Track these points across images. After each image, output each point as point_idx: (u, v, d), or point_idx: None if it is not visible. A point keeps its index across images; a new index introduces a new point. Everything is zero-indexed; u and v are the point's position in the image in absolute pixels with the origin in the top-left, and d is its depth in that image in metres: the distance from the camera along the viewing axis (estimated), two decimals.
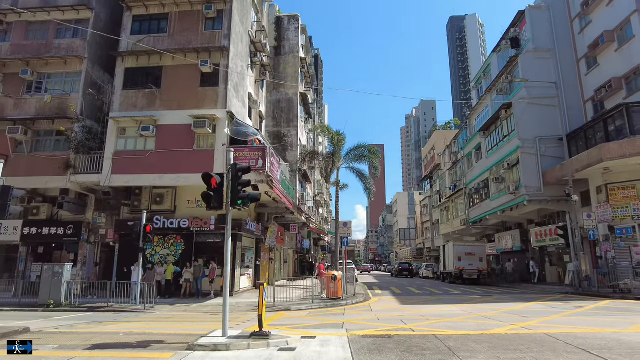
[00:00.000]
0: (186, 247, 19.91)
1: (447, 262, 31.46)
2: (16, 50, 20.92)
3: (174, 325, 11.55)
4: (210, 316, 14.24)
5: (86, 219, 20.65)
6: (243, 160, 18.43)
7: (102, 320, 12.79)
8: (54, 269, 16.74)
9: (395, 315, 13.10)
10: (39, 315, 14.63)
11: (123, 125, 19.45)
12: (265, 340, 8.06)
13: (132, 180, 18.91)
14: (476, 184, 33.17)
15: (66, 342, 8.63)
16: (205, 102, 19.24)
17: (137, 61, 20.07)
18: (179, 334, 9.69)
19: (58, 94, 20.35)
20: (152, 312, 15.06)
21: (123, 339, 8.96)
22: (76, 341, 8.79)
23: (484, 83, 35.03)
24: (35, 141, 20.20)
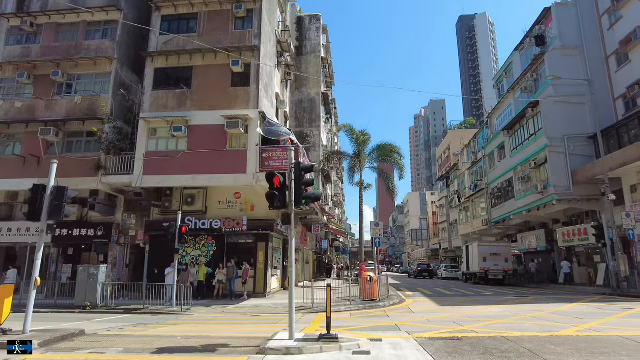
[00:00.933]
0: (217, 248, 19.79)
1: (472, 263, 31.10)
2: (46, 52, 20.93)
3: (226, 328, 11.38)
4: (251, 318, 14.07)
5: (116, 220, 20.59)
6: (276, 160, 18.32)
7: (146, 323, 12.66)
8: (89, 270, 16.67)
9: (442, 317, 12.85)
10: (79, 317, 14.55)
11: (154, 126, 19.36)
12: (336, 343, 7.86)
13: (163, 181, 18.81)
14: (499, 184, 32.80)
15: (129, 346, 8.48)
16: (237, 103, 19.11)
17: (166, 61, 19.98)
18: (239, 336, 9.52)
19: (88, 95, 20.33)
20: (189, 314, 14.92)
21: (184, 343, 8.80)
22: (138, 344, 8.64)
23: (505, 82, 34.65)
24: (65, 142, 20.18)
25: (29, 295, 9.63)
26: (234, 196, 20.21)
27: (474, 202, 39.58)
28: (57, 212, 9.63)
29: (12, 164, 20.02)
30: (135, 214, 20.55)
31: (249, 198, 20.12)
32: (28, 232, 20.51)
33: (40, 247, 9.87)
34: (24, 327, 9.27)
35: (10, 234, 20.59)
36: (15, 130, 20.44)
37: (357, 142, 27.41)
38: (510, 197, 30.93)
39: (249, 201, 20.10)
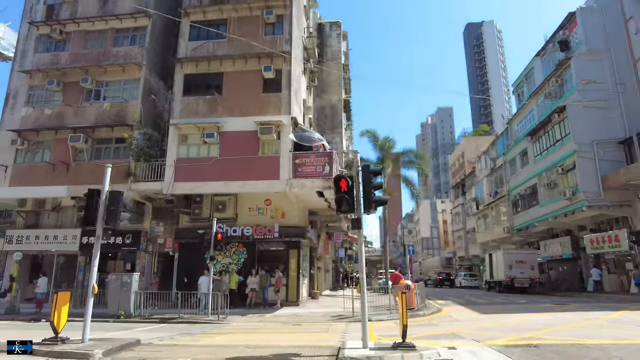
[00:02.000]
0: (248, 255, 19.50)
1: (496, 271, 30.59)
2: (75, 59, 20.91)
3: (280, 337, 11.04)
4: (294, 327, 13.72)
5: (144, 228, 20.33)
6: (309, 166, 18.10)
7: (191, 332, 12.33)
8: (122, 278, 16.43)
9: (493, 325, 12.50)
10: (116, 326, 14.19)
11: (184, 132, 19.20)
12: (415, 351, 7.53)
13: (195, 187, 18.60)
14: (522, 190, 32.41)
15: (196, 356, 8.15)
16: (268, 109, 18.94)
17: (196, 67, 19.89)
18: (302, 345, 9.17)
19: (117, 101, 20.25)
20: (228, 323, 14.56)
21: (251, 352, 8.46)
22: (204, 354, 8.32)
23: (525, 87, 34.42)
24: (94, 149, 20.05)
25: (87, 303, 9.36)
26: (264, 203, 19.95)
27: (493, 209, 39.13)
28: (113, 218, 9.39)
29: (41, 171, 19.89)
30: (163, 221, 20.30)
31: (279, 205, 19.85)
32: (56, 239, 20.29)
33: (96, 254, 9.64)
34: (83, 335, 8.99)
35: (38, 241, 20.37)
36: (44, 137, 20.34)
37: (381, 149, 27.20)
38: (534, 204, 30.52)
39: (279, 208, 19.83)
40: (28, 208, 20.77)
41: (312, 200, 20.65)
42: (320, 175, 17.81)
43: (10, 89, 21.13)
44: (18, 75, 21.18)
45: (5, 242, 20.46)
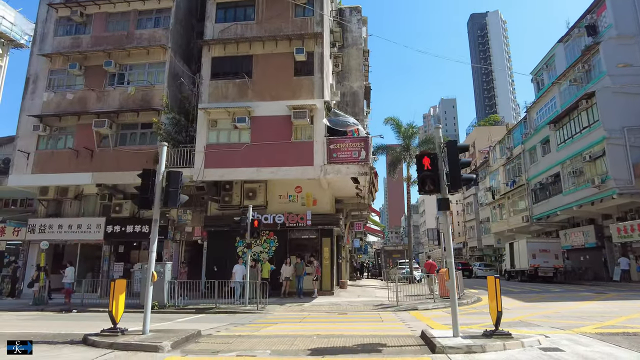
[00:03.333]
0: (280, 243, 19.00)
1: (519, 260, 30.24)
2: (97, 42, 20.17)
3: (342, 327, 10.56)
4: (340, 315, 13.32)
5: (171, 216, 19.77)
6: (345, 151, 17.54)
7: (241, 323, 11.83)
8: (155, 268, 15.80)
9: (550, 312, 12.14)
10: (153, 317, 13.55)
11: (214, 117, 18.57)
12: (515, 340, 7.04)
13: (227, 174, 18.02)
14: (543, 179, 31.95)
15: (274, 347, 7.63)
16: (301, 92, 18.32)
17: (224, 50, 19.20)
18: (380, 335, 8.66)
19: (142, 85, 19.56)
20: (269, 313, 14.10)
21: (327, 343, 7.90)
22: (281, 345, 7.78)
23: (545, 75, 33.81)
24: (119, 135, 19.40)
25: (146, 292, 8.84)
26: (294, 190, 19.40)
27: (510, 198, 38.71)
28: (173, 199, 8.81)
29: (64, 158, 19.26)
30: (191, 209, 19.72)
31: (310, 192, 19.30)
32: (80, 228, 19.72)
33: (154, 239, 9.10)
34: (144, 327, 8.47)
35: (61, 230, 19.79)
36: (66, 123, 19.68)
37: (404, 136, 26.64)
38: (556, 193, 30.08)
39: (310, 195, 19.28)
40: (50, 196, 20.14)
41: (343, 188, 20.14)
42: (356, 161, 17.25)
43: (30, 73, 20.39)
44: (38, 59, 20.43)
45: (28, 232, 19.89)
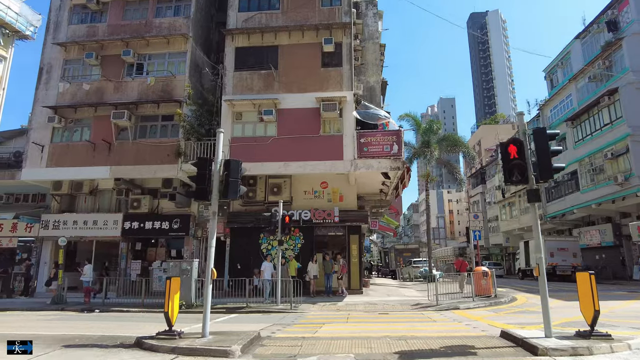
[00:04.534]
0: (305, 240, 18.36)
1: (533, 259, 29.84)
2: (114, 31, 19.38)
3: (396, 327, 9.97)
4: (381, 315, 12.70)
5: (191, 211, 19.05)
6: (376, 145, 16.98)
7: (285, 323, 11.23)
8: (182, 265, 15.16)
9: (604, 311, 11.55)
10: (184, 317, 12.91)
11: (239, 109, 17.91)
12: (617, 341, 6.51)
13: (253, 168, 17.29)
14: (558, 177, 31.54)
15: (355, 350, 7.03)
16: (329, 84, 17.73)
17: (248, 40, 18.53)
18: (457, 336, 8.12)
19: (162, 75, 18.81)
20: (304, 312, 13.49)
21: (406, 346, 7.30)
22: (359, 349, 7.17)
23: (560, 72, 33.50)
24: (138, 127, 18.63)
25: (205, 292, 8.17)
26: (320, 186, 18.79)
27: (521, 197, 38.39)
28: (233, 190, 8.16)
29: (80, 151, 18.47)
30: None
31: (336, 188, 18.70)
32: (96, 224, 18.94)
33: (212, 233, 8.48)
34: (203, 329, 7.79)
35: (76, 227, 18.98)
36: (83, 114, 18.88)
37: (423, 132, 26.12)
38: (573, 190, 29.80)
39: (337, 191, 18.68)
40: (64, 191, 19.31)
41: (369, 184, 19.62)
42: (388, 155, 16.69)
43: (44, 63, 19.55)
44: (52, 49, 19.60)
45: (41, 227, 19.07)
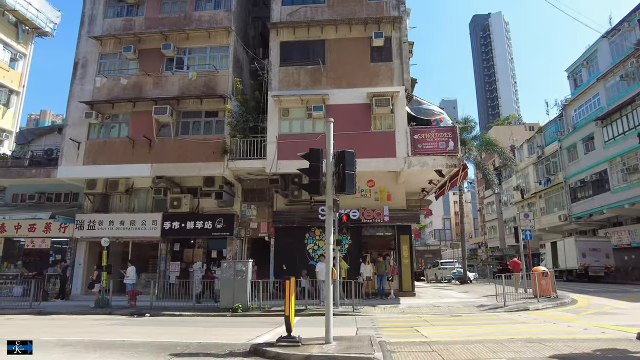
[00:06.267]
0: (353, 241, 17.78)
1: (564, 259, 29.49)
2: (151, 24, 18.73)
3: (503, 329, 9.46)
4: (454, 318, 12.18)
5: (233, 210, 18.39)
6: (430, 142, 16.47)
7: (366, 326, 10.65)
8: (236, 266, 14.54)
9: None
10: (247, 321, 12.28)
11: (285, 106, 17.32)
12: None
13: (302, 166, 16.66)
14: (586, 177, 31.30)
15: (495, 355, 6.47)
16: (379, 79, 17.22)
17: (294, 34, 17.95)
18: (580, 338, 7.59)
19: (204, 70, 18.19)
20: (367, 315, 12.94)
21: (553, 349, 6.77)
22: (507, 353, 6.62)
23: (584, 71, 33.31)
24: (180, 123, 17.97)
25: (327, 294, 7.55)
26: (367, 184, 18.23)
27: (542, 197, 38.10)
28: (350, 183, 7.59)
29: (118, 148, 17.78)
30: (255, 204, 18.39)
31: (383, 187, 18.15)
32: (133, 225, 18.23)
33: (329, 229, 7.91)
34: (327, 335, 7.19)
35: (112, 227, 18.25)
36: (120, 110, 18.21)
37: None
38: (602, 190, 29.43)
39: (384, 190, 18.13)
40: (99, 190, 18.55)
41: (416, 182, 19.15)
42: (444, 152, 16.18)
43: (79, 57, 18.85)
44: (87, 43, 18.90)
45: (76, 228, 18.31)
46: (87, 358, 6.65)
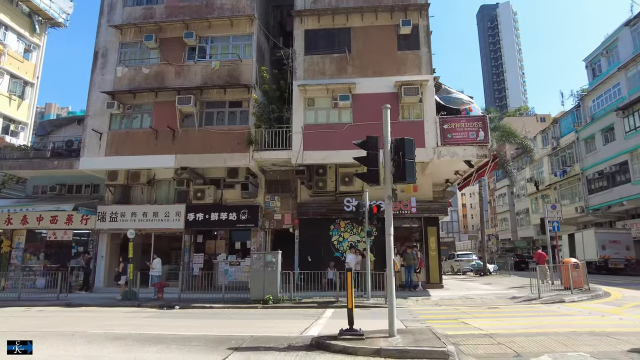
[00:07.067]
0: (379, 232, 17.49)
1: (582, 251, 29.18)
2: (172, 12, 18.37)
3: (553, 322, 9.22)
4: (491, 309, 11.97)
5: (257, 202, 18.17)
6: (460, 132, 16.16)
7: (409, 319, 10.44)
8: (266, 258, 14.37)
9: None
10: (281, 313, 12.12)
11: (311, 95, 17.01)
12: None
13: (329, 156, 16.50)
14: (605, 168, 30.90)
15: (579, 348, 6.24)
16: (406, 68, 16.86)
17: (318, 22, 17.59)
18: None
19: (226, 59, 17.86)
20: (401, 307, 12.65)
21: (626, 343, 6.55)
22: (582, 346, 6.39)
23: (604, 61, 32.73)
24: (203, 113, 17.69)
25: (389, 286, 7.32)
26: None
27: (557, 189, 37.74)
28: (411, 172, 7.28)
29: (141, 139, 17.54)
30: (279, 195, 18.15)
31: None
32: (156, 216, 18.05)
33: (390, 220, 7.54)
34: (391, 327, 6.96)
35: (134, 219, 18.07)
36: (142, 100, 17.93)
37: None
38: (622, 182, 29.06)
39: None
40: (120, 181, 18.37)
41: (438, 173, 18.89)
42: (474, 142, 15.88)
43: (99, 47, 18.54)
44: (107, 32, 18.58)
45: (98, 220, 18.14)
46: (146, 352, 6.45)
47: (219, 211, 17.81)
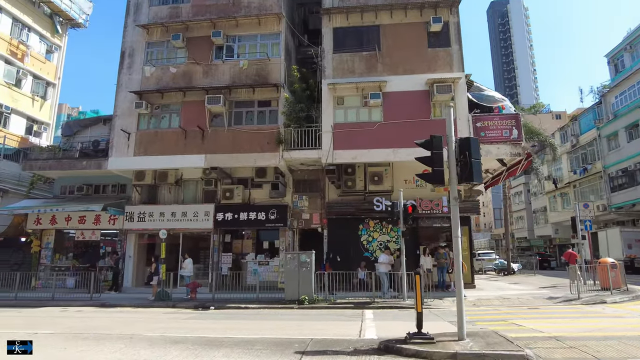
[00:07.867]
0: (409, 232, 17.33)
1: (606, 250, 28.81)
2: (199, 11, 18.30)
3: (609, 324, 9.01)
4: (530, 310, 11.82)
5: (285, 202, 18.07)
6: (493, 130, 15.95)
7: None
8: (300, 258, 14.27)
9: None
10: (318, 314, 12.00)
11: (340, 94, 16.85)
12: None
13: (359, 155, 16.34)
14: (628, 165, 30.44)
15: None
16: (437, 65, 16.64)
17: (347, 20, 17.42)
18: None
19: (254, 58, 17.75)
20: (437, 308, 12.66)
21: None
22: None
23: (627, 56, 32.23)
24: (232, 113, 17.59)
25: (458, 288, 7.18)
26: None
27: (576, 187, 37.26)
28: (478, 172, 7.13)
29: (170, 138, 17.50)
30: (307, 194, 18.03)
31: None
32: (185, 216, 18.02)
33: (456, 223, 7.42)
34: (459, 330, 6.83)
35: (163, 219, 18.04)
36: (170, 99, 17.89)
37: None
38: None
39: None
40: (147, 181, 18.32)
41: None
42: (507, 141, 15.66)
43: (125, 47, 18.52)
44: (133, 31, 18.56)
45: (126, 220, 18.15)
46: (213, 357, 6.36)
47: (247, 211, 17.73)
